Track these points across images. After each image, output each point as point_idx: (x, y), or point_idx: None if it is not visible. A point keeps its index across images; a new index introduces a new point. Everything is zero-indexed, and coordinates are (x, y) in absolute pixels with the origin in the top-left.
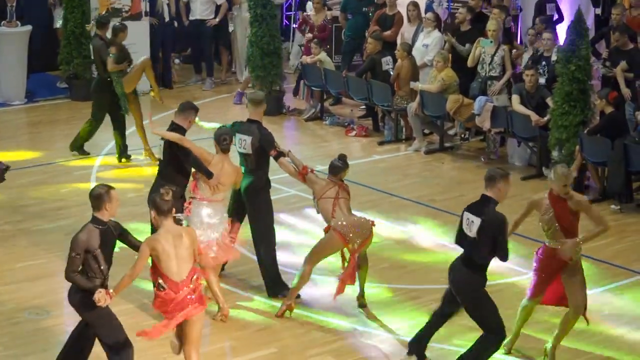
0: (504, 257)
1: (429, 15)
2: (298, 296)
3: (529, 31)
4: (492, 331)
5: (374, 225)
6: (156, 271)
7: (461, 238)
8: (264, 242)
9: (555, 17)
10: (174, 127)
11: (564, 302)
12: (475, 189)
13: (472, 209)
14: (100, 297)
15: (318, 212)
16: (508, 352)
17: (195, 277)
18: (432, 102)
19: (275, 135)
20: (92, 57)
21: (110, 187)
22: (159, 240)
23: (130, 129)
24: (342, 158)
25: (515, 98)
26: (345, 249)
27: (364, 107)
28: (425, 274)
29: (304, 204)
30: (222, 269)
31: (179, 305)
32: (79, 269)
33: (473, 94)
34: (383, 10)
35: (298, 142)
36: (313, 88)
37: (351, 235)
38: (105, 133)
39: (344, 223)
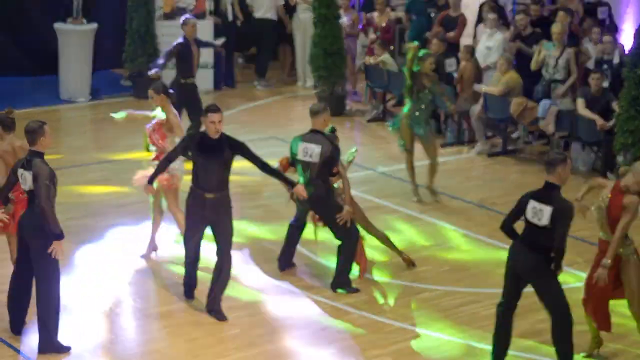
0: (561, 250)
1: (492, 16)
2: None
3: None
4: (564, 315)
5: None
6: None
7: (510, 223)
8: (347, 238)
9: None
10: None
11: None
12: None
13: (538, 196)
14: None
15: None
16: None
17: None
18: (495, 104)
19: (337, 135)
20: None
21: (44, 123)
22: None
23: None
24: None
25: (581, 102)
26: None
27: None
28: (486, 278)
29: (364, 205)
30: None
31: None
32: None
33: (537, 97)
34: (447, 12)
35: (359, 143)
36: (375, 89)
37: None
38: None
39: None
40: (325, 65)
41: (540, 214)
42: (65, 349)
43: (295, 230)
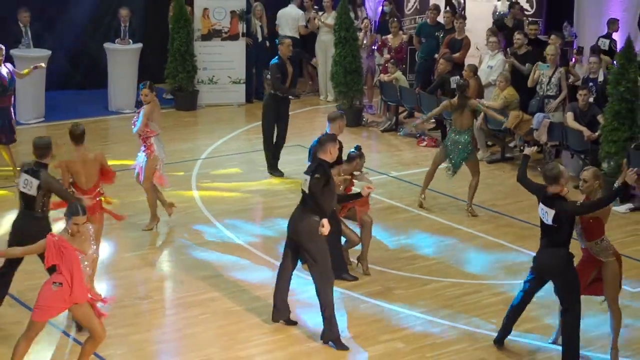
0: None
1: (493, 39)
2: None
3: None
4: (574, 306)
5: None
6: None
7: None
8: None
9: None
10: None
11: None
12: (533, 196)
13: (545, 201)
14: None
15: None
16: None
17: None
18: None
19: (355, 143)
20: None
21: (50, 138)
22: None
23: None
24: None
25: (570, 115)
26: None
27: (434, 120)
28: (487, 271)
29: (379, 206)
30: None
31: None
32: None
33: (532, 111)
34: (452, 35)
35: (375, 151)
36: (389, 103)
37: None
38: (206, 139)
39: None
40: (344, 81)
41: (547, 215)
42: None
43: None
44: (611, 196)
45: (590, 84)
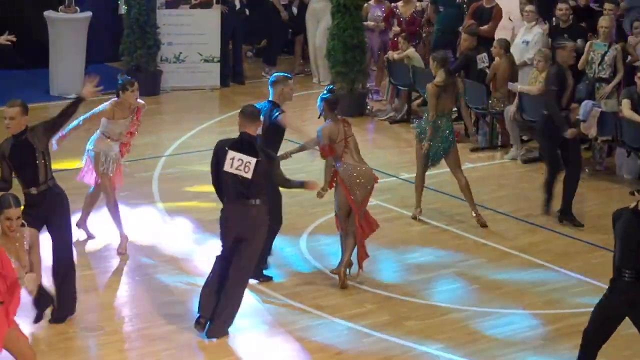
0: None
1: (530, 7)
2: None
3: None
4: None
5: (377, 180)
6: None
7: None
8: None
9: None
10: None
11: None
12: (579, 202)
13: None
14: None
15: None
16: None
17: None
18: (532, 105)
19: (357, 138)
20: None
21: None
22: None
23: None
24: (331, 91)
25: (626, 103)
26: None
27: (455, 109)
28: (519, 297)
29: (386, 215)
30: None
31: None
32: None
33: (579, 97)
34: (479, 3)
35: (381, 147)
36: (399, 87)
37: (354, 188)
38: (172, 132)
39: (349, 173)
40: (344, 60)
41: None
42: None
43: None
44: None
45: None
